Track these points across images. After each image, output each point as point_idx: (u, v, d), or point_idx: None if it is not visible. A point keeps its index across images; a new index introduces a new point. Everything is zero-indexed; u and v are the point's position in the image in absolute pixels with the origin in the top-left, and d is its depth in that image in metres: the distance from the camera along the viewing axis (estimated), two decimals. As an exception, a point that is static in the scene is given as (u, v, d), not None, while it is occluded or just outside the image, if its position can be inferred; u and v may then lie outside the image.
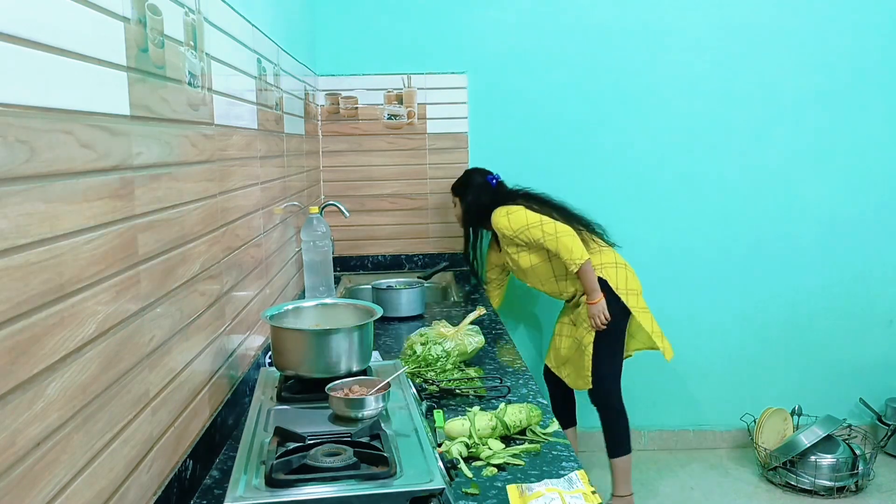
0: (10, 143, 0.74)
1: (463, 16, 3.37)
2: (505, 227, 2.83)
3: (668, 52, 3.46)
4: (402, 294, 2.59)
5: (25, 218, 0.77)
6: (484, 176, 3.04)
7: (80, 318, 0.89)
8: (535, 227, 2.78)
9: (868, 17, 3.46)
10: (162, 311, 1.17)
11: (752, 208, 3.56)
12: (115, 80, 1.01)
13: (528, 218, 2.79)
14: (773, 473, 3.32)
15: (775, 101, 3.50)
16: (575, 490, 1.26)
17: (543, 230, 2.76)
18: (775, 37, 3.46)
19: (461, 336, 1.98)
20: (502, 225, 2.84)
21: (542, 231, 2.76)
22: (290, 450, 1.19)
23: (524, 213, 2.81)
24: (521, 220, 2.80)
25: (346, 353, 1.52)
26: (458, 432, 1.47)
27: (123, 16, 1.04)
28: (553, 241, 2.76)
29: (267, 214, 2.03)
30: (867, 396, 3.65)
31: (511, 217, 2.83)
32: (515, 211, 2.83)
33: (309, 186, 2.97)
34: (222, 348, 1.53)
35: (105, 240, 0.96)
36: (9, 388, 0.73)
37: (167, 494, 1.15)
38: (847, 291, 3.62)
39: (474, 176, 3.05)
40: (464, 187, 3.05)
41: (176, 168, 1.26)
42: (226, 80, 1.62)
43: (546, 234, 2.76)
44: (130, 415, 1.04)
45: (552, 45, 3.42)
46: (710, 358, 3.66)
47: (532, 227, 2.78)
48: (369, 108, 3.38)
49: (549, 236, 2.76)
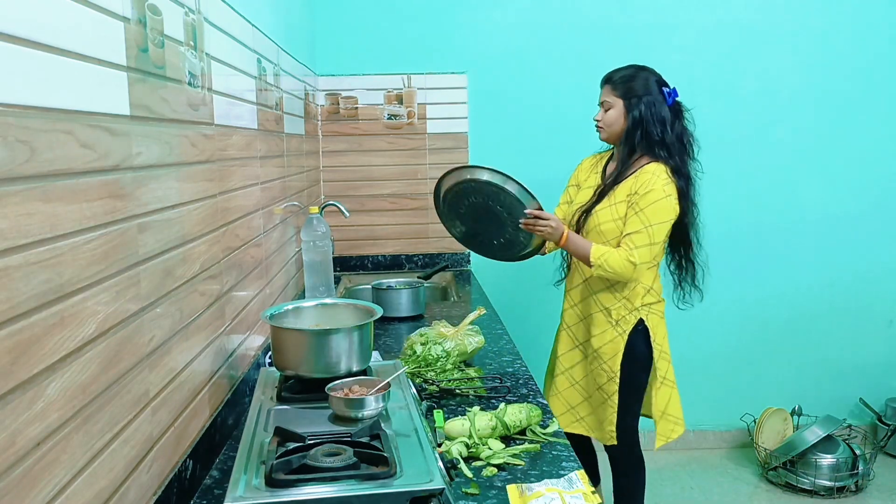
0: (10, 143, 0.74)
1: (463, 16, 3.37)
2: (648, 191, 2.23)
3: (668, 52, 3.45)
4: (402, 294, 2.59)
5: (25, 218, 0.77)
6: (661, 83, 2.37)
7: (80, 318, 0.89)
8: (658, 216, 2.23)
9: (868, 17, 3.46)
10: (162, 311, 1.17)
11: (752, 207, 3.56)
12: (115, 80, 1.01)
13: (670, 209, 2.25)
14: (773, 473, 3.32)
15: (775, 100, 3.50)
16: (575, 490, 1.26)
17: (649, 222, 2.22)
18: (775, 36, 3.46)
19: (461, 336, 1.98)
20: (650, 191, 2.23)
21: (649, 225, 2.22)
22: (290, 450, 1.19)
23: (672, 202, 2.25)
24: (666, 210, 2.24)
25: (346, 353, 1.52)
26: (458, 432, 1.47)
27: (123, 16, 1.04)
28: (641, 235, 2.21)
29: (267, 214, 2.03)
30: (867, 396, 3.65)
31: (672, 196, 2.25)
32: (672, 193, 2.25)
33: (309, 186, 2.97)
34: (222, 348, 1.53)
35: (105, 240, 0.96)
36: (9, 388, 0.73)
37: (167, 494, 1.15)
38: (847, 291, 3.62)
39: (651, 79, 2.36)
40: (634, 88, 2.35)
41: (176, 168, 1.26)
42: (226, 80, 1.62)
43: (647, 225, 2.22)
44: (130, 415, 1.04)
45: (552, 45, 3.42)
46: (710, 358, 3.66)
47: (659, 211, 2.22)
48: (369, 108, 3.38)
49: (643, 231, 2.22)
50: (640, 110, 2.31)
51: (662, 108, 2.31)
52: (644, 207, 2.24)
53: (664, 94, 2.33)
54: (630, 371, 2.36)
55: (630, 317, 2.36)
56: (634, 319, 2.36)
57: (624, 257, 2.23)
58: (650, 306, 2.38)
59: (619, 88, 2.36)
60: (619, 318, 2.36)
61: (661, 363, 2.41)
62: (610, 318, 2.38)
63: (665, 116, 2.31)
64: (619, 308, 2.37)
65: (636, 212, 2.25)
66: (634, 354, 2.36)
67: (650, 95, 2.32)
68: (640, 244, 2.23)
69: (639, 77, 2.35)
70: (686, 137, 2.35)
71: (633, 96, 2.32)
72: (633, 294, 2.36)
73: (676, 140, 2.32)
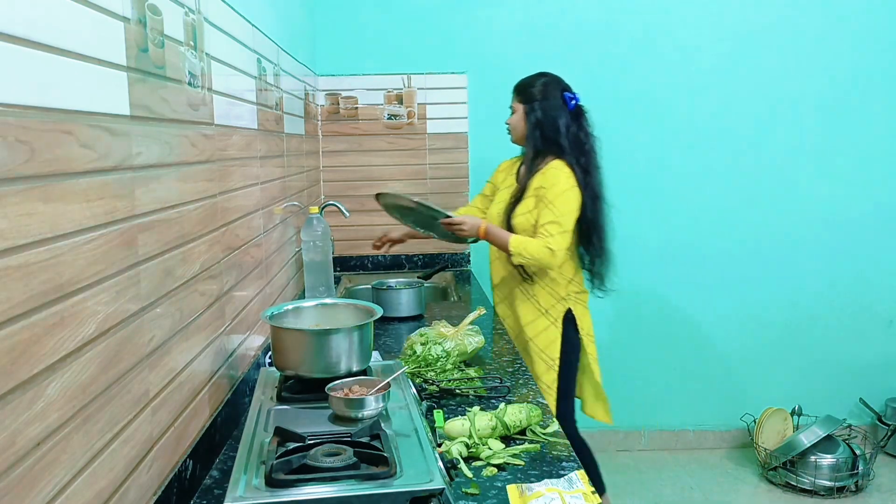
0: (10, 143, 0.74)
1: (463, 16, 3.37)
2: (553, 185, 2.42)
3: (668, 52, 3.46)
4: (402, 294, 2.59)
5: (25, 218, 0.77)
6: (562, 89, 2.53)
7: (80, 318, 0.89)
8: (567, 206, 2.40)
9: (868, 18, 3.46)
10: (162, 311, 1.17)
11: (752, 208, 3.57)
12: (115, 80, 1.01)
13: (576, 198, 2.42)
14: (773, 473, 3.32)
15: (775, 101, 3.50)
16: (575, 490, 1.26)
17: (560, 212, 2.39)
18: (776, 37, 3.46)
19: (461, 336, 1.98)
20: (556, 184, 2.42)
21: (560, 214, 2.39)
22: (290, 450, 1.19)
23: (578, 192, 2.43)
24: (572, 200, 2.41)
25: (346, 353, 1.52)
26: (458, 432, 1.47)
27: (123, 16, 1.04)
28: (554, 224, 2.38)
29: (267, 214, 2.03)
30: (867, 396, 3.65)
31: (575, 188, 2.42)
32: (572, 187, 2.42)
33: (309, 186, 2.97)
34: (222, 348, 1.53)
35: (105, 240, 0.96)
36: (9, 388, 0.73)
37: (167, 494, 1.15)
38: (847, 291, 3.62)
39: (550, 85, 2.53)
40: (532, 94, 2.53)
41: (176, 168, 1.26)
42: (226, 80, 1.62)
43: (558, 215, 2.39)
44: (130, 415, 1.04)
45: (552, 45, 3.42)
46: (710, 358, 3.66)
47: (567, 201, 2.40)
48: (369, 108, 3.38)
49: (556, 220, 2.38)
50: (538, 114, 2.50)
51: (560, 112, 2.49)
52: (553, 199, 2.42)
53: (565, 99, 2.50)
54: (566, 359, 2.52)
55: (559, 305, 2.54)
56: (563, 308, 2.54)
57: (542, 244, 2.38)
58: (576, 296, 2.57)
59: (521, 94, 2.57)
60: (548, 307, 2.53)
61: (590, 346, 2.61)
62: (539, 306, 2.54)
63: (560, 119, 2.48)
64: (546, 296, 2.53)
65: (546, 204, 2.42)
66: (568, 342, 2.54)
67: (548, 100, 2.50)
68: (555, 232, 2.39)
69: (538, 84, 2.54)
70: (583, 138, 2.51)
71: (532, 101, 2.52)
72: (556, 284, 2.53)
73: (574, 140, 2.49)
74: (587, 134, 2.53)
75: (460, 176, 3.46)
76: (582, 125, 2.53)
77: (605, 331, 3.62)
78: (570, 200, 2.42)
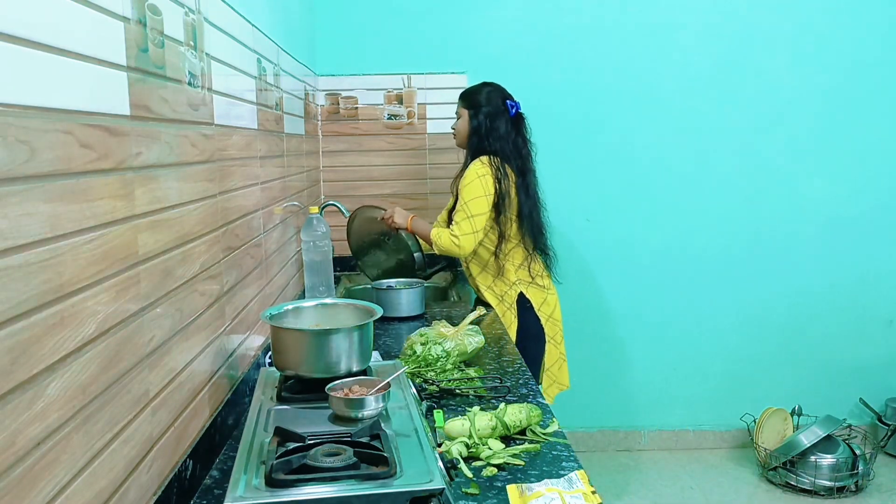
0: (10, 143, 0.74)
1: (463, 16, 3.37)
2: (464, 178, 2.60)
3: (668, 52, 3.46)
4: (402, 294, 2.59)
5: (25, 218, 0.77)
6: (504, 97, 2.70)
7: (80, 318, 0.89)
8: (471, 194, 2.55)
9: (868, 17, 3.46)
10: (162, 311, 1.17)
11: (752, 208, 3.57)
12: (115, 80, 1.01)
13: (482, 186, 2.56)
14: (773, 473, 3.32)
15: (775, 100, 3.50)
16: (575, 490, 1.26)
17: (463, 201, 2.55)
18: (776, 36, 3.46)
19: (461, 336, 1.98)
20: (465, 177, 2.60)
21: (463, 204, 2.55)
22: (290, 450, 1.19)
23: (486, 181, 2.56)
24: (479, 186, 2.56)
25: (346, 353, 1.51)
26: (458, 432, 1.47)
27: (123, 16, 1.04)
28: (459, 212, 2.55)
29: (267, 214, 2.03)
30: (867, 396, 3.65)
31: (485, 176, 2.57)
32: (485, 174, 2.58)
33: (309, 186, 2.97)
34: (222, 348, 1.53)
35: (105, 240, 0.96)
36: (9, 388, 0.73)
37: (167, 494, 1.15)
38: (847, 291, 3.62)
39: (493, 93, 2.69)
40: (477, 102, 2.69)
41: (176, 168, 1.26)
42: (226, 80, 1.62)
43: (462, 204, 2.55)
44: (130, 415, 1.04)
45: (552, 46, 3.42)
46: (710, 358, 3.66)
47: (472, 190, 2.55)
48: (369, 108, 3.38)
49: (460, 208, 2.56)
50: (479, 120, 2.65)
51: (500, 119, 2.64)
52: (461, 190, 2.60)
53: (507, 107, 2.66)
54: (524, 346, 2.48)
55: (511, 291, 2.67)
56: (515, 293, 2.67)
57: (448, 235, 2.57)
58: (530, 282, 2.68)
59: (466, 101, 2.72)
60: (501, 294, 2.69)
61: (549, 326, 2.69)
62: (494, 293, 2.70)
63: (500, 125, 2.64)
64: (498, 284, 2.69)
65: (458, 198, 2.62)
66: (526, 328, 2.65)
67: (489, 107, 2.65)
68: (460, 220, 2.56)
69: (482, 91, 2.69)
70: (520, 143, 2.67)
71: (475, 107, 2.67)
72: (504, 271, 2.67)
73: (512, 147, 2.64)
74: (525, 140, 2.69)
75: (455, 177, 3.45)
76: (521, 131, 2.68)
77: (605, 331, 3.63)
78: (475, 188, 2.55)
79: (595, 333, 3.58)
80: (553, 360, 2.74)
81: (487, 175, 2.57)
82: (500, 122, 2.64)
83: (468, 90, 2.76)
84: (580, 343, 3.35)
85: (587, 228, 3.54)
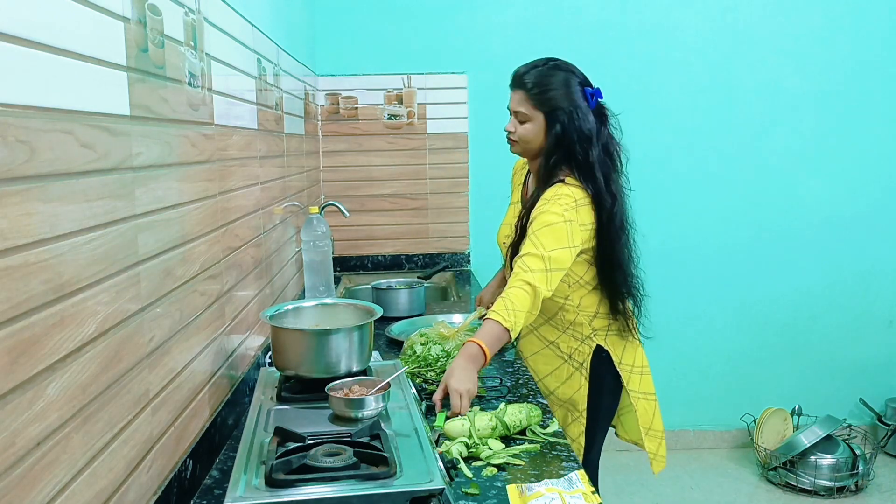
0: (10, 143, 0.74)
1: (463, 16, 3.37)
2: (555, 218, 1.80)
3: (668, 52, 3.46)
4: (402, 294, 2.59)
5: (25, 218, 0.77)
6: (582, 84, 1.97)
7: (80, 318, 0.89)
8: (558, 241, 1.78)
9: (868, 17, 3.46)
10: (162, 311, 1.17)
11: (752, 208, 3.56)
12: (115, 80, 1.01)
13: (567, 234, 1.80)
14: (773, 473, 3.32)
15: (775, 100, 3.50)
16: (575, 490, 1.26)
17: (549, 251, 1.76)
18: (776, 36, 3.46)
19: (461, 336, 1.97)
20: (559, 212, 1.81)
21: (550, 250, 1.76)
22: (290, 450, 1.19)
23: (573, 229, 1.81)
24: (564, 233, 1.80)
25: (346, 353, 1.52)
26: (458, 432, 1.47)
27: (123, 16, 1.04)
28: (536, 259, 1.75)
29: (267, 214, 2.03)
30: (867, 396, 3.65)
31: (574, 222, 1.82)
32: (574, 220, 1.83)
33: (309, 186, 2.97)
34: (222, 348, 1.53)
35: (105, 240, 0.96)
36: (9, 388, 0.73)
37: (167, 494, 1.15)
38: (847, 291, 3.62)
39: (572, 80, 1.95)
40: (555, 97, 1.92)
41: (176, 168, 1.26)
42: (226, 80, 1.62)
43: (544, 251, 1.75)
44: (130, 415, 1.04)
45: (552, 45, 3.41)
46: (710, 358, 3.66)
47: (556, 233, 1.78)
48: (369, 108, 3.38)
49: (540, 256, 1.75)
50: (563, 124, 1.90)
51: (587, 119, 1.91)
52: (536, 230, 1.80)
53: (587, 97, 1.94)
54: (597, 405, 2.02)
55: (583, 347, 2.00)
56: (589, 349, 1.99)
57: (519, 285, 1.73)
58: (606, 329, 2.01)
59: (537, 98, 1.93)
60: (570, 352, 2.01)
61: (633, 380, 2.07)
62: (560, 352, 2.03)
63: (591, 128, 1.91)
64: (567, 340, 2.01)
65: (530, 233, 1.82)
66: (601, 386, 2.02)
67: (573, 104, 1.91)
68: (535, 268, 1.75)
69: (558, 81, 1.94)
70: (613, 147, 1.97)
71: (555, 108, 1.91)
72: (577, 323, 1.99)
73: (604, 154, 1.94)
74: (616, 142, 1.99)
75: (460, 176, 3.45)
76: (611, 132, 1.98)
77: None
78: (559, 234, 1.79)
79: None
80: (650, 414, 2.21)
81: (576, 221, 1.83)
82: (588, 122, 1.91)
83: (536, 80, 1.94)
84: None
85: (587, 228, 3.53)
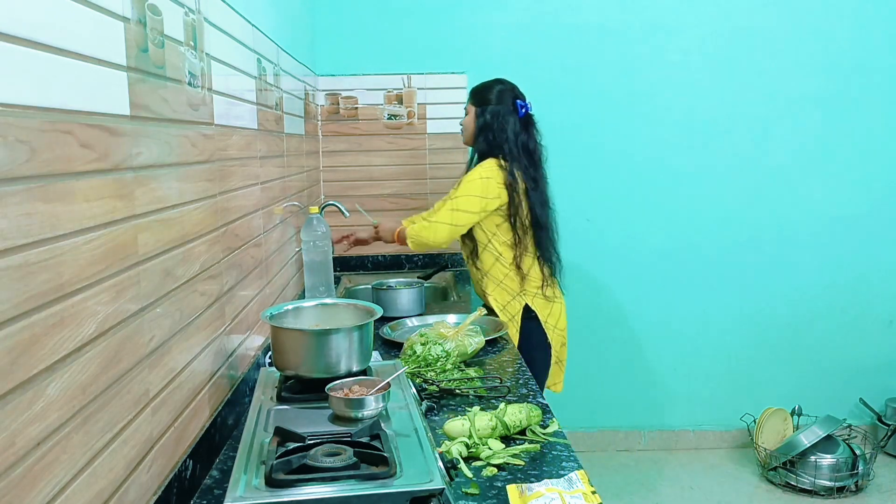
0: (10, 143, 0.74)
1: (463, 16, 3.37)
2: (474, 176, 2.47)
3: (667, 52, 3.46)
4: (402, 294, 2.59)
5: (25, 218, 0.77)
6: (515, 97, 2.58)
7: (80, 318, 0.89)
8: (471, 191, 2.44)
9: (868, 18, 3.46)
10: (162, 311, 1.17)
11: (751, 208, 3.57)
12: (115, 80, 1.01)
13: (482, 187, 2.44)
14: (773, 473, 3.32)
15: (775, 101, 3.50)
16: (575, 490, 1.26)
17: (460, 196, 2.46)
18: (776, 37, 3.46)
19: (461, 336, 1.98)
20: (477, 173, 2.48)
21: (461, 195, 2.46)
22: (290, 450, 1.19)
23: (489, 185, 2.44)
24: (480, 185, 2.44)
25: (346, 353, 1.52)
26: (458, 432, 1.47)
27: (123, 16, 1.04)
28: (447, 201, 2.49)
29: (267, 214, 2.03)
30: (867, 396, 3.65)
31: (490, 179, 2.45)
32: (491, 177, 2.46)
33: (309, 186, 2.97)
34: (222, 348, 1.53)
35: (105, 240, 0.96)
36: (9, 388, 0.73)
37: (167, 494, 1.15)
38: (847, 291, 3.62)
39: (504, 91, 2.57)
40: (487, 99, 2.57)
41: (176, 168, 1.26)
42: (226, 80, 1.62)
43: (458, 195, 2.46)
44: (130, 415, 1.04)
45: (552, 46, 3.42)
46: (710, 358, 3.66)
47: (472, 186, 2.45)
48: (369, 108, 3.38)
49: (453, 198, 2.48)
50: (487, 118, 2.54)
51: (508, 120, 2.52)
52: (459, 184, 2.51)
53: (516, 106, 2.54)
54: (530, 357, 2.38)
55: (514, 302, 2.54)
56: (520, 305, 2.54)
57: (421, 219, 2.52)
58: (536, 292, 2.55)
59: (475, 97, 2.61)
60: (504, 304, 2.55)
61: (554, 338, 2.58)
62: (497, 302, 2.56)
63: (511, 128, 2.52)
64: (501, 294, 2.56)
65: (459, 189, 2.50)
66: (529, 339, 2.52)
67: (499, 105, 2.54)
68: (439, 207, 2.51)
69: (493, 89, 2.58)
70: (532, 146, 2.55)
71: (483, 104, 2.56)
72: (510, 280, 2.54)
73: (521, 148, 2.52)
74: (536, 143, 2.58)
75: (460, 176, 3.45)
76: (531, 133, 2.58)
77: (604, 331, 3.62)
78: (472, 186, 2.45)
79: (595, 333, 3.58)
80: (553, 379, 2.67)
81: (494, 179, 2.46)
82: (508, 121, 2.52)
83: (478, 86, 2.64)
84: (580, 343, 3.34)
85: (587, 229, 3.53)
